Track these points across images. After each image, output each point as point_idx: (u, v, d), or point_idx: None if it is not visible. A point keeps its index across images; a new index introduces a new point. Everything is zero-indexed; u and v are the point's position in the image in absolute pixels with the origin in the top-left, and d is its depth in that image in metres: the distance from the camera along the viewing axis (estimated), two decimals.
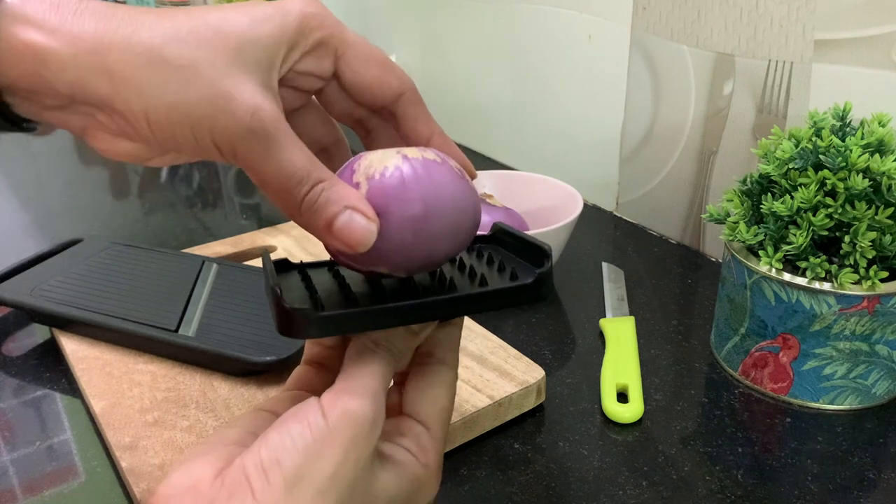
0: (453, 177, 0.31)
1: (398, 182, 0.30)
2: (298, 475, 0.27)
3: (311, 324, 0.29)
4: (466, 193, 0.31)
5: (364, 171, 0.30)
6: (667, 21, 0.68)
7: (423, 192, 0.30)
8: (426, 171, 0.30)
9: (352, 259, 0.31)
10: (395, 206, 0.29)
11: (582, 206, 0.63)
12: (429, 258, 0.31)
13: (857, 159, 0.44)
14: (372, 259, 0.30)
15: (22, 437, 0.49)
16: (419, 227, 0.30)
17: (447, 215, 0.30)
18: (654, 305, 0.62)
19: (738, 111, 0.64)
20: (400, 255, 0.30)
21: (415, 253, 0.30)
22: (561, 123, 0.83)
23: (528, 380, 0.49)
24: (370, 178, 0.30)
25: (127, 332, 0.53)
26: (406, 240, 0.30)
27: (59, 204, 0.86)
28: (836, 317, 0.47)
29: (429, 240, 0.30)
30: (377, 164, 0.30)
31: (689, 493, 0.43)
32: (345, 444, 0.28)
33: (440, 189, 0.30)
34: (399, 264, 0.31)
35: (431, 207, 0.30)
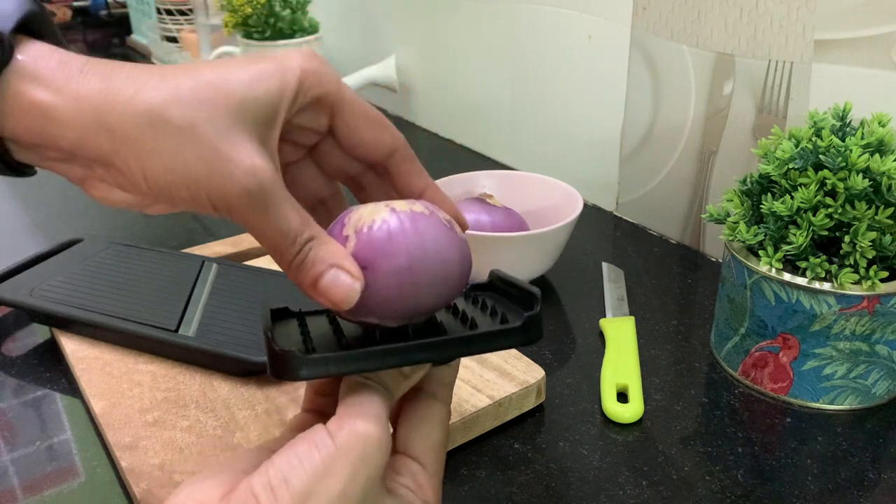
0: (440, 229, 0.32)
1: (385, 235, 0.31)
2: (307, 493, 0.27)
3: (301, 365, 0.30)
4: (454, 245, 0.32)
5: (353, 224, 0.31)
6: (667, 21, 0.68)
7: (408, 245, 0.31)
8: (413, 225, 0.31)
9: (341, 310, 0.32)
10: (381, 260, 0.31)
11: (582, 206, 0.63)
12: (415, 309, 0.32)
13: (857, 159, 0.44)
14: (360, 311, 0.31)
15: (22, 437, 0.49)
16: (404, 280, 0.31)
17: (433, 267, 0.31)
18: (654, 305, 0.62)
19: (738, 111, 0.64)
20: (387, 307, 0.31)
21: (401, 304, 0.31)
22: (561, 123, 0.83)
23: (528, 380, 0.49)
24: (359, 232, 0.31)
25: (127, 332, 0.53)
26: (392, 292, 0.31)
27: (59, 204, 0.86)
28: (836, 317, 0.47)
29: (415, 292, 0.31)
30: (366, 218, 0.31)
31: (689, 493, 0.43)
32: (354, 464, 0.28)
33: (426, 242, 0.31)
34: (387, 315, 0.32)
35: (417, 260, 0.31)
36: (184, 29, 1.33)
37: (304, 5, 1.03)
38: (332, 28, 1.21)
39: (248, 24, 1.01)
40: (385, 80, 1.09)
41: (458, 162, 0.94)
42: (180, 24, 1.35)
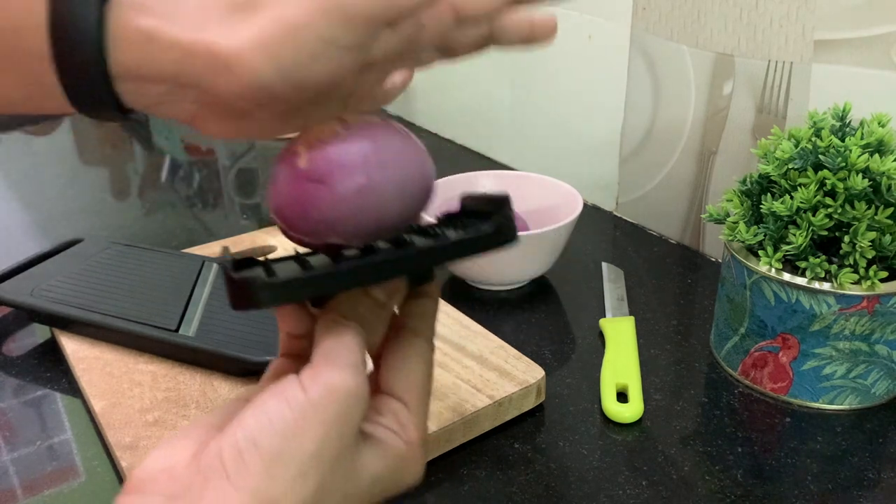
0: (396, 136, 0.30)
1: (339, 147, 0.29)
2: (277, 455, 0.26)
3: (261, 290, 0.27)
4: (412, 152, 0.30)
5: (305, 140, 0.30)
6: (667, 21, 0.68)
7: (363, 153, 0.29)
8: (367, 133, 0.29)
9: (303, 233, 0.30)
10: (336, 171, 0.29)
11: (582, 206, 0.63)
12: (380, 223, 0.30)
13: (856, 159, 0.44)
14: (320, 229, 0.30)
15: (22, 436, 0.49)
16: (364, 191, 0.29)
17: (392, 175, 0.29)
18: (653, 305, 0.62)
19: (738, 111, 0.64)
20: (348, 222, 0.29)
21: (364, 218, 0.29)
22: (561, 123, 0.83)
23: (528, 380, 0.49)
24: (311, 147, 0.29)
25: (127, 332, 0.53)
26: (352, 205, 0.29)
27: (59, 204, 0.86)
28: (836, 317, 0.47)
29: (376, 203, 0.29)
30: (317, 133, 0.30)
31: (689, 493, 0.43)
32: (328, 421, 0.27)
33: (381, 150, 0.29)
34: (349, 232, 0.30)
35: (373, 168, 0.29)
36: None
37: None
38: None
39: None
40: None
41: (458, 162, 0.94)
42: None
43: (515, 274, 0.64)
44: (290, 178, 0.30)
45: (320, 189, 0.29)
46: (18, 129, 1.13)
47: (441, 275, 0.67)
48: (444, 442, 0.46)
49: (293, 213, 0.30)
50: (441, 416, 0.46)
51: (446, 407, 0.47)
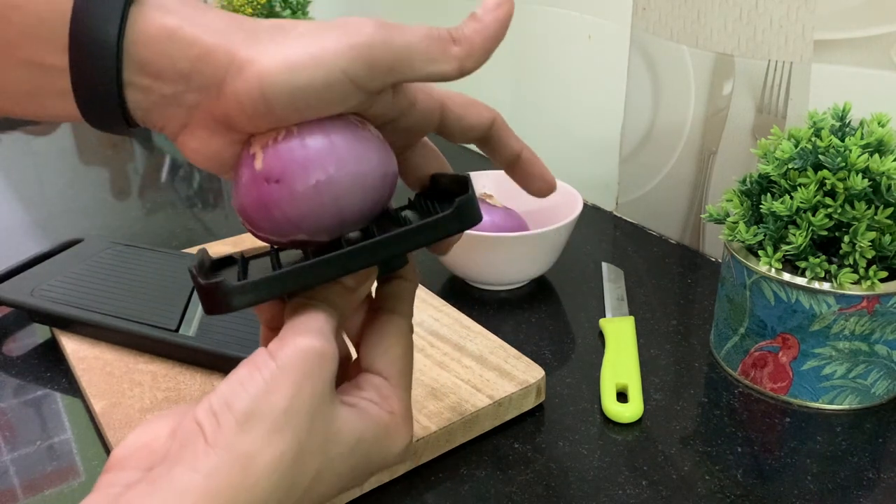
0: (351, 129, 0.30)
1: (292, 144, 0.29)
2: (249, 413, 0.27)
3: (229, 294, 0.29)
4: (369, 143, 0.30)
5: (259, 141, 0.30)
6: (667, 21, 0.68)
7: (318, 150, 0.29)
8: (321, 128, 0.29)
9: (269, 233, 0.31)
10: (292, 169, 0.29)
11: (582, 206, 0.63)
12: (342, 218, 0.30)
13: (856, 159, 0.44)
14: (284, 228, 0.30)
15: (22, 436, 0.49)
16: (321, 186, 0.29)
17: (350, 170, 0.29)
18: (653, 305, 0.62)
19: (738, 111, 0.64)
20: (311, 220, 0.30)
21: (325, 214, 0.30)
22: (561, 123, 0.83)
23: (527, 379, 0.49)
24: (265, 147, 0.29)
25: (127, 332, 0.53)
26: (312, 202, 0.29)
27: (59, 204, 0.86)
28: (836, 317, 0.47)
29: (336, 197, 0.29)
30: (270, 132, 0.30)
31: (689, 493, 0.43)
32: (296, 379, 0.28)
33: (336, 143, 0.29)
34: (313, 228, 0.30)
35: (329, 163, 0.29)
36: None
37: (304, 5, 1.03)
38: None
39: None
40: None
41: (458, 162, 0.94)
42: None
43: (515, 274, 0.64)
44: (248, 180, 0.30)
45: (278, 189, 0.29)
46: (18, 129, 1.13)
47: (441, 274, 0.67)
48: (444, 442, 0.46)
49: (256, 215, 0.30)
50: (441, 415, 0.46)
51: (446, 407, 0.47)
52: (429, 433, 0.45)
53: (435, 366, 0.51)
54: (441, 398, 0.48)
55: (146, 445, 0.28)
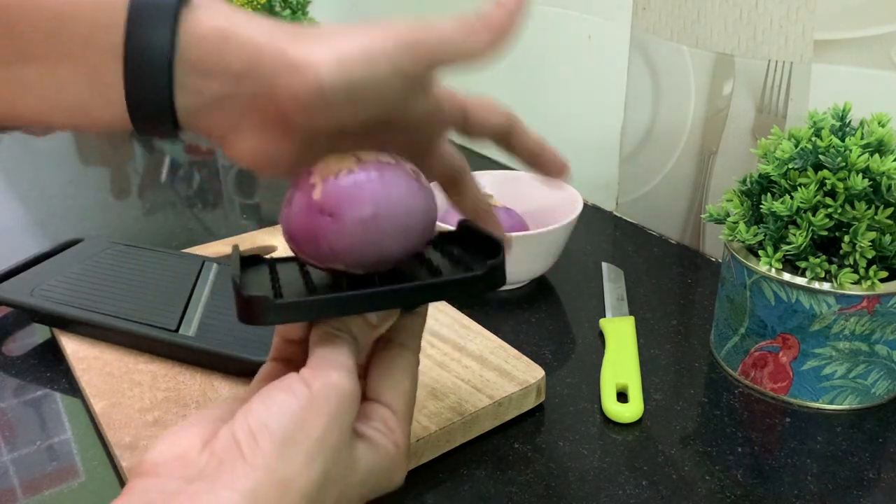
0: (405, 178, 0.32)
1: (351, 184, 0.31)
2: (287, 438, 0.28)
3: (269, 311, 0.31)
4: (419, 195, 0.33)
5: (320, 172, 0.32)
6: (667, 21, 0.68)
7: (373, 193, 0.31)
8: (379, 173, 0.32)
9: (311, 257, 0.33)
10: (346, 207, 0.31)
11: (582, 206, 0.63)
12: (381, 257, 0.32)
13: (856, 159, 0.44)
14: (327, 257, 0.32)
15: (22, 436, 0.49)
16: (369, 228, 0.31)
17: (397, 216, 0.32)
18: (653, 305, 0.62)
19: (738, 111, 0.64)
20: (352, 254, 0.32)
21: (366, 252, 0.32)
22: (561, 123, 0.83)
23: (527, 380, 0.49)
24: (325, 180, 0.32)
25: (127, 332, 0.53)
26: (357, 240, 0.31)
27: (59, 204, 0.86)
28: (836, 317, 0.47)
29: (379, 240, 0.32)
30: (333, 167, 0.32)
31: (689, 493, 0.43)
32: (330, 412, 0.29)
33: (391, 191, 0.32)
34: (353, 262, 0.32)
35: (381, 208, 0.31)
36: None
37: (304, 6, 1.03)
38: None
39: None
40: None
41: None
42: None
43: (515, 274, 0.64)
44: (303, 208, 0.32)
45: (330, 222, 0.31)
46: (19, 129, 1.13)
47: None
48: (444, 442, 0.46)
49: (303, 240, 0.32)
50: (441, 415, 0.46)
51: (446, 407, 0.47)
52: (429, 433, 0.45)
53: (435, 366, 0.51)
54: (441, 398, 0.48)
55: (180, 456, 0.28)
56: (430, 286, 0.33)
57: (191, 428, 0.30)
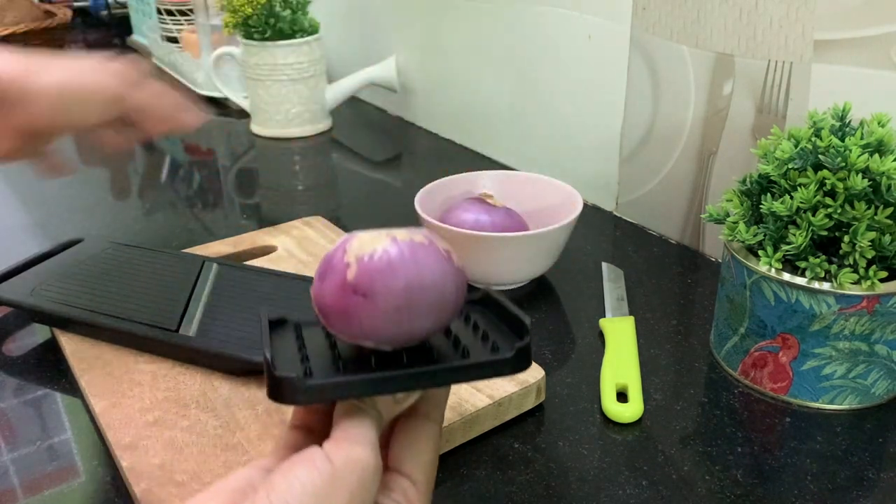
0: (438, 260, 0.33)
1: (385, 265, 0.32)
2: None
3: (300, 391, 0.31)
4: (450, 276, 0.33)
5: (355, 251, 0.32)
6: (666, 21, 0.68)
7: (407, 276, 0.32)
8: (412, 255, 0.32)
9: (341, 332, 0.33)
10: (380, 289, 0.32)
11: (582, 206, 0.63)
12: (410, 336, 0.33)
13: (856, 159, 0.44)
14: (357, 335, 0.33)
15: (22, 436, 0.49)
16: (401, 310, 0.32)
17: (430, 298, 0.32)
18: (653, 305, 0.62)
19: (738, 111, 0.64)
20: (383, 333, 0.32)
21: (397, 332, 0.32)
22: (561, 123, 0.83)
23: (527, 379, 0.49)
24: (359, 260, 0.32)
25: (127, 332, 0.53)
26: (389, 321, 0.32)
27: (59, 204, 0.86)
28: (836, 317, 0.47)
29: (410, 321, 0.32)
30: (367, 246, 0.32)
31: (689, 493, 0.43)
32: (352, 488, 0.29)
33: (424, 273, 0.32)
34: (382, 340, 0.33)
35: (414, 291, 0.32)
36: (184, 29, 1.33)
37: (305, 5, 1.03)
38: (332, 28, 1.21)
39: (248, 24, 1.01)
40: (385, 80, 1.09)
41: (458, 162, 0.94)
42: (181, 25, 1.35)
43: (515, 274, 0.64)
44: (337, 286, 0.32)
45: (363, 303, 0.32)
46: None
47: None
48: (444, 442, 0.46)
49: (335, 316, 0.33)
50: None
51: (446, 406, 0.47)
52: None
53: None
54: None
55: None
56: (457, 368, 0.33)
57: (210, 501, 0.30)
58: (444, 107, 1.02)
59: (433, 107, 1.05)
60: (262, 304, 0.55)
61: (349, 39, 1.20)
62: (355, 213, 0.82)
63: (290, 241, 0.69)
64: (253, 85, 1.04)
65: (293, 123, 1.05)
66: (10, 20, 1.38)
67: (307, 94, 1.04)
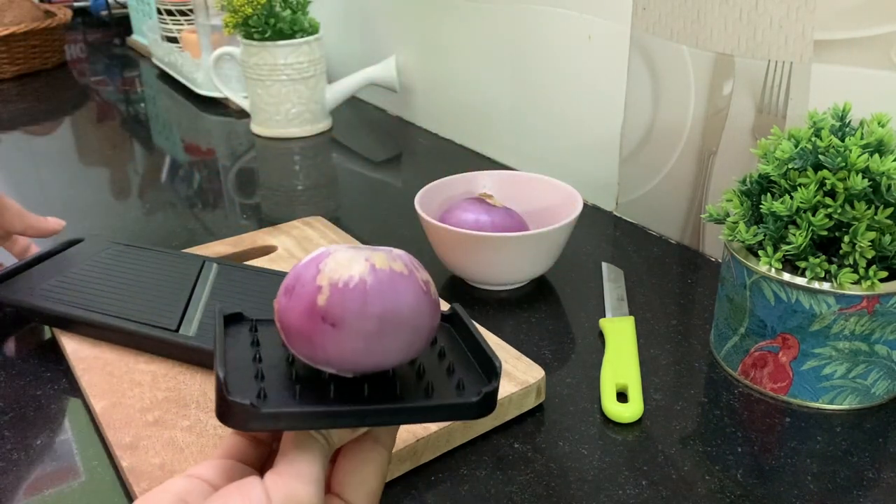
0: (416, 292, 0.31)
1: (359, 295, 0.30)
2: None
3: (253, 419, 0.29)
4: (428, 310, 0.31)
5: (328, 274, 0.30)
6: (667, 21, 0.68)
7: (382, 308, 0.30)
8: (390, 286, 0.30)
9: (301, 355, 0.31)
10: (351, 320, 0.30)
11: (582, 207, 0.63)
12: (376, 367, 0.31)
13: (856, 159, 0.44)
14: (319, 360, 0.31)
15: (22, 436, 0.49)
16: (371, 341, 0.30)
17: (402, 334, 0.31)
18: (653, 305, 0.62)
19: (738, 111, 0.64)
20: (347, 363, 0.31)
21: (363, 361, 0.31)
22: (561, 124, 0.83)
23: (528, 380, 0.49)
24: (333, 285, 0.30)
25: (128, 331, 0.53)
26: (357, 350, 0.30)
27: (59, 204, 0.86)
28: (836, 317, 0.47)
29: (380, 353, 0.30)
30: (343, 271, 0.30)
31: (689, 493, 0.43)
32: None
33: (400, 306, 0.30)
34: (345, 369, 0.31)
35: (387, 324, 0.30)
36: (184, 29, 1.34)
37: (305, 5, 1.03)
38: (332, 28, 1.21)
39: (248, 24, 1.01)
40: (385, 80, 1.09)
41: (458, 162, 0.94)
42: (181, 25, 1.35)
43: (515, 274, 0.64)
44: (304, 309, 0.30)
45: (331, 332, 0.30)
46: (18, 129, 1.13)
47: (441, 274, 0.67)
48: (444, 442, 0.46)
49: (298, 340, 0.31)
50: None
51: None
52: (429, 433, 0.45)
53: None
54: None
55: None
56: (423, 409, 0.32)
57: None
58: (444, 107, 1.02)
59: (433, 107, 1.05)
60: (263, 304, 0.55)
61: (349, 39, 1.20)
62: (355, 213, 0.82)
63: (290, 241, 0.69)
64: (253, 85, 1.04)
65: (293, 123, 1.05)
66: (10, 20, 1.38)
67: (307, 94, 1.04)
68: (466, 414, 0.32)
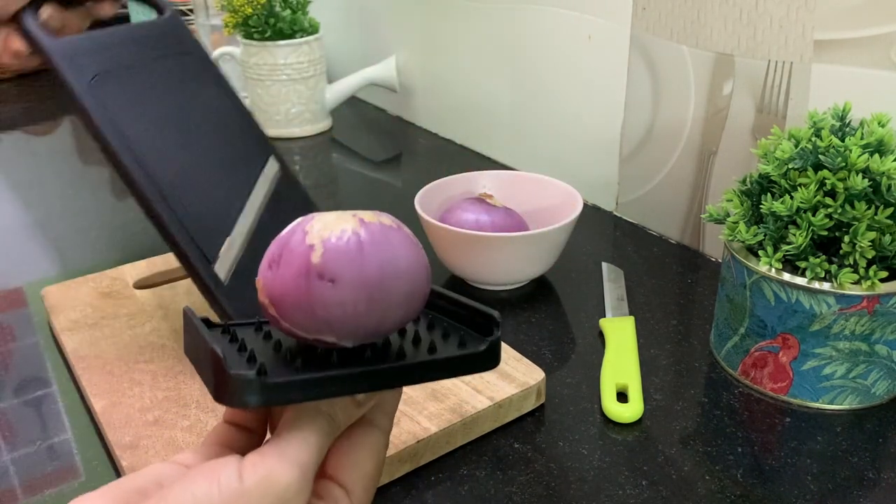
0: (409, 244, 0.30)
1: (355, 247, 0.28)
2: None
3: (256, 392, 0.27)
4: (421, 262, 0.30)
5: (318, 233, 0.29)
6: (666, 21, 0.68)
7: (381, 258, 0.28)
8: (384, 237, 0.29)
9: (298, 326, 0.29)
10: (349, 273, 0.28)
11: (582, 206, 0.63)
12: (378, 328, 0.30)
13: (856, 159, 0.44)
14: (319, 326, 0.29)
15: (22, 436, 0.49)
16: (373, 296, 0.28)
17: (403, 287, 0.29)
18: (653, 305, 0.62)
19: (738, 111, 0.64)
20: (350, 324, 0.29)
21: (366, 321, 0.29)
22: (561, 123, 0.83)
23: (528, 381, 0.49)
24: (325, 241, 0.28)
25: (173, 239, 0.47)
26: (359, 308, 0.28)
27: (59, 204, 0.86)
28: (836, 317, 0.47)
29: (382, 309, 0.29)
30: (333, 227, 0.29)
31: (689, 493, 0.43)
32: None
33: (397, 257, 0.29)
34: (347, 333, 0.29)
35: (387, 275, 0.29)
36: None
37: (305, 5, 1.03)
38: (332, 28, 1.21)
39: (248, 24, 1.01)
40: (385, 80, 1.09)
41: (458, 162, 0.94)
42: None
43: (515, 274, 0.64)
44: (297, 271, 0.28)
45: (331, 289, 0.28)
46: (18, 129, 1.13)
47: (441, 274, 0.67)
48: (444, 443, 0.46)
49: (294, 308, 0.29)
50: (441, 417, 0.46)
51: (446, 408, 0.47)
52: (429, 434, 0.45)
53: None
54: (441, 399, 0.48)
55: None
56: (435, 363, 0.30)
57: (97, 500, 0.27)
58: (443, 107, 1.02)
59: (433, 107, 1.05)
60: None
61: (349, 39, 1.20)
62: None
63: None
64: (253, 85, 1.04)
65: (293, 123, 1.05)
66: None
67: (307, 94, 1.04)
68: (477, 365, 0.31)
